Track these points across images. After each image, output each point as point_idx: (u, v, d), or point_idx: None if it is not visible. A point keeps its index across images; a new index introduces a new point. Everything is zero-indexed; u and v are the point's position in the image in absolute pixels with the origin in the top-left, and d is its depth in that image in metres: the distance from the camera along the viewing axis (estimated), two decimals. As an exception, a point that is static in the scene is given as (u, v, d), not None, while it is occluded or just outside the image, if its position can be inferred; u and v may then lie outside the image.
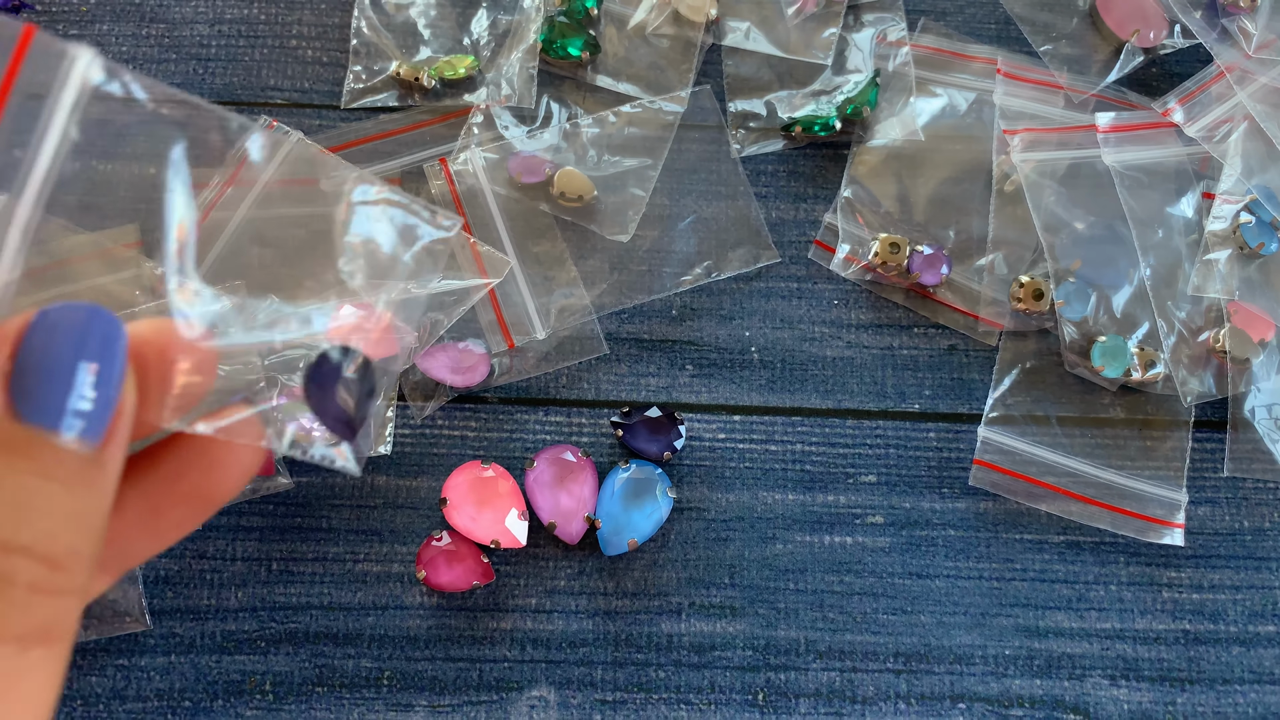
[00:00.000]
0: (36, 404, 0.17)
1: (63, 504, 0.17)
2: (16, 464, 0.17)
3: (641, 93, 0.46)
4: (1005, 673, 0.39)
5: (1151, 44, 0.47)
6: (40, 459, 0.17)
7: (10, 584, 0.16)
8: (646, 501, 0.39)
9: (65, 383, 0.18)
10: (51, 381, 0.17)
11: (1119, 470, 0.41)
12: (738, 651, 0.39)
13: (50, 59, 0.20)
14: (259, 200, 0.36)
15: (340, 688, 0.38)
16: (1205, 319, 0.43)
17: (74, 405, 0.18)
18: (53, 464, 0.17)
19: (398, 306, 0.34)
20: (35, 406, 0.17)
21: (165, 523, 0.22)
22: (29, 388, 0.17)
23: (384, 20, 0.47)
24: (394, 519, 0.40)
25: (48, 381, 0.17)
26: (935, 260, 0.43)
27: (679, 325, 0.43)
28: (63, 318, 0.18)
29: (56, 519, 0.17)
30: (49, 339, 0.18)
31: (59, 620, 0.17)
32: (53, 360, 0.18)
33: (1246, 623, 0.40)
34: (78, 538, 0.17)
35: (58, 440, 0.17)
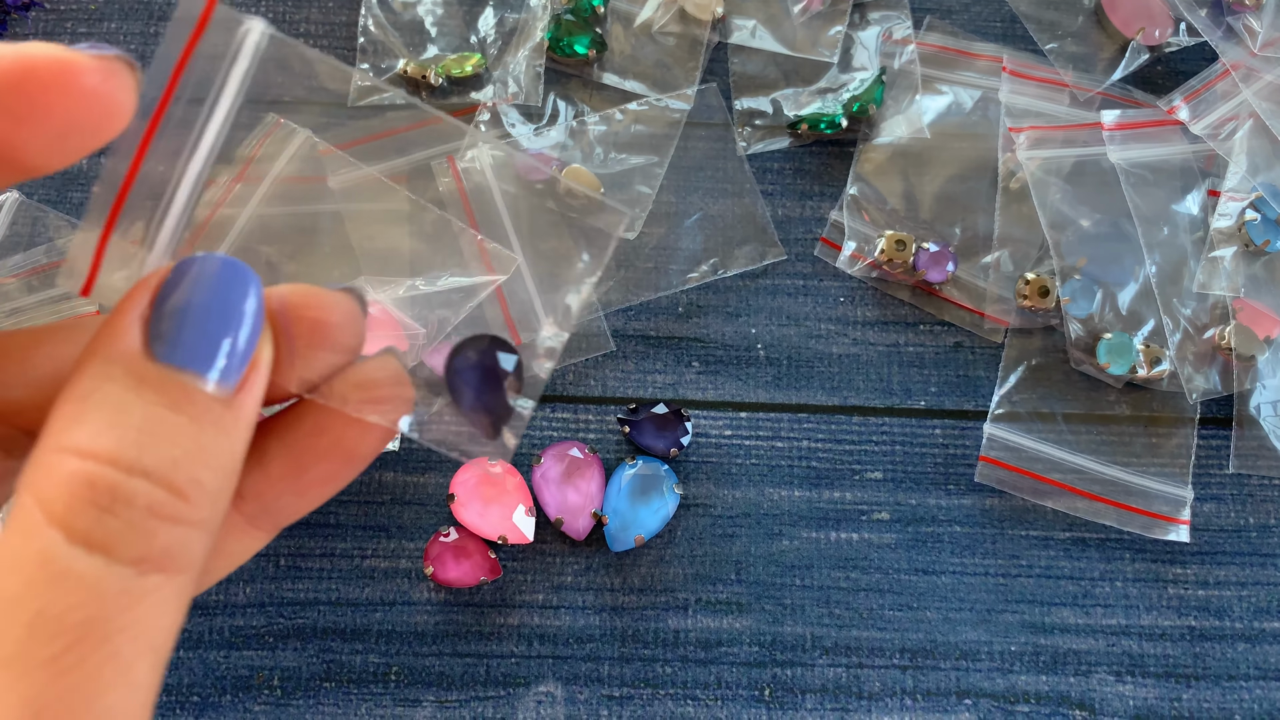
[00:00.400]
0: (171, 345, 0.18)
1: (189, 436, 0.17)
2: (147, 395, 0.17)
3: (648, 91, 0.46)
4: (1011, 669, 0.39)
5: (1157, 42, 0.47)
6: (171, 394, 0.17)
7: (130, 505, 0.16)
8: (653, 498, 0.40)
9: (200, 330, 0.18)
10: (186, 326, 0.18)
11: (1124, 467, 0.42)
12: (744, 647, 0.39)
13: (227, 28, 0.21)
14: (267, 197, 0.37)
15: (348, 683, 0.38)
16: (1211, 316, 0.43)
17: (209, 350, 0.18)
18: (183, 399, 0.17)
19: (406, 303, 0.34)
20: (170, 348, 0.18)
21: (310, 479, 0.22)
22: (165, 330, 0.18)
23: (391, 18, 0.47)
24: (401, 515, 0.41)
25: (183, 328, 0.18)
26: (941, 257, 0.43)
27: (685, 322, 0.44)
28: (198, 266, 0.19)
29: (181, 449, 0.17)
30: (186, 286, 0.18)
31: (180, 550, 0.17)
32: (190, 308, 0.18)
33: (1252, 619, 0.40)
34: (202, 470, 0.17)
35: (191, 380, 0.18)
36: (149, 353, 0.18)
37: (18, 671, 0.15)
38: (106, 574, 0.16)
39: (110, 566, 0.16)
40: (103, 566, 0.16)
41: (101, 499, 0.16)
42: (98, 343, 0.18)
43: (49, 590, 0.16)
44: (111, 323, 0.18)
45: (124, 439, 0.17)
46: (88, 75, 0.17)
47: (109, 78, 0.17)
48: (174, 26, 0.21)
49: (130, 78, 0.18)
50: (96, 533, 0.16)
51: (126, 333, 0.18)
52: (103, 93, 0.17)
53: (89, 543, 0.16)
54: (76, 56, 0.17)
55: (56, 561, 0.16)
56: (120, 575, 0.16)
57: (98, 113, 0.18)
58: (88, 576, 0.16)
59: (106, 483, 0.16)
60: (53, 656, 0.15)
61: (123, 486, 0.16)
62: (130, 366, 0.17)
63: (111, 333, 0.18)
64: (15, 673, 0.15)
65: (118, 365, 0.17)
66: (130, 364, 0.17)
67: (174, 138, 0.21)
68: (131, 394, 0.17)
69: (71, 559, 0.16)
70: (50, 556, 0.16)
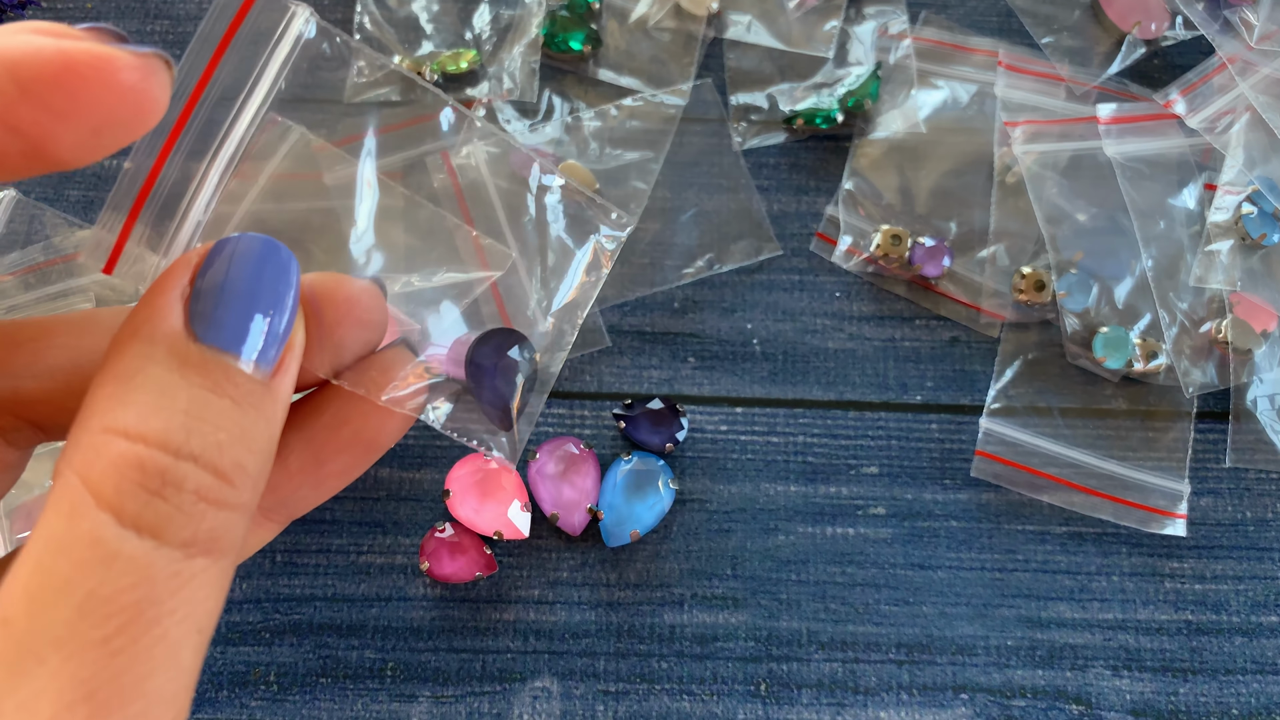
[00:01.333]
0: (213, 326, 0.18)
1: (232, 420, 0.18)
2: (191, 377, 0.17)
3: (643, 86, 0.46)
4: (1007, 663, 0.39)
5: (1153, 36, 0.47)
6: (214, 377, 0.18)
7: (179, 489, 0.17)
8: (649, 493, 0.40)
9: (240, 310, 0.18)
10: (228, 308, 0.18)
11: (1121, 461, 0.41)
12: (740, 642, 0.39)
13: (273, 12, 0.21)
14: (263, 194, 0.37)
15: (344, 678, 0.38)
16: (1207, 310, 0.43)
17: (249, 331, 0.18)
18: (225, 382, 0.18)
19: (402, 299, 0.34)
20: (212, 329, 0.18)
21: (328, 470, 0.22)
22: (207, 311, 0.18)
23: (386, 15, 0.47)
24: (397, 511, 0.41)
25: (224, 306, 0.18)
26: (937, 252, 0.43)
27: (681, 318, 0.44)
28: (238, 246, 0.19)
29: (225, 433, 0.17)
30: (226, 266, 0.19)
31: (224, 533, 0.17)
32: (230, 287, 0.18)
33: (1249, 613, 0.40)
34: (245, 454, 0.18)
35: (232, 362, 0.18)
36: (191, 333, 0.18)
37: (68, 651, 0.15)
38: (156, 557, 0.16)
39: (160, 549, 0.16)
40: (153, 549, 0.16)
41: (152, 482, 0.16)
42: (138, 321, 0.18)
43: (100, 572, 0.16)
44: (151, 301, 0.18)
45: (171, 422, 0.17)
46: (126, 73, 0.17)
47: (147, 76, 0.17)
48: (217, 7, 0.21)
49: (166, 76, 0.18)
50: (147, 516, 0.16)
51: (168, 312, 0.18)
52: (140, 90, 0.17)
53: (139, 526, 0.16)
54: (116, 53, 0.17)
55: (107, 544, 0.16)
56: (169, 558, 0.16)
57: (133, 110, 0.18)
58: (139, 559, 0.16)
59: (157, 466, 0.16)
60: (104, 638, 0.15)
61: (172, 470, 0.17)
62: (173, 347, 0.18)
63: (152, 311, 0.18)
64: (66, 652, 0.15)
65: (160, 345, 0.18)
66: (173, 344, 0.18)
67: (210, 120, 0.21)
68: (176, 375, 0.17)
69: (122, 541, 0.16)
70: (101, 539, 0.16)
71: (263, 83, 0.21)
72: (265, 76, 0.21)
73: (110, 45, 0.17)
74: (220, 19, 0.21)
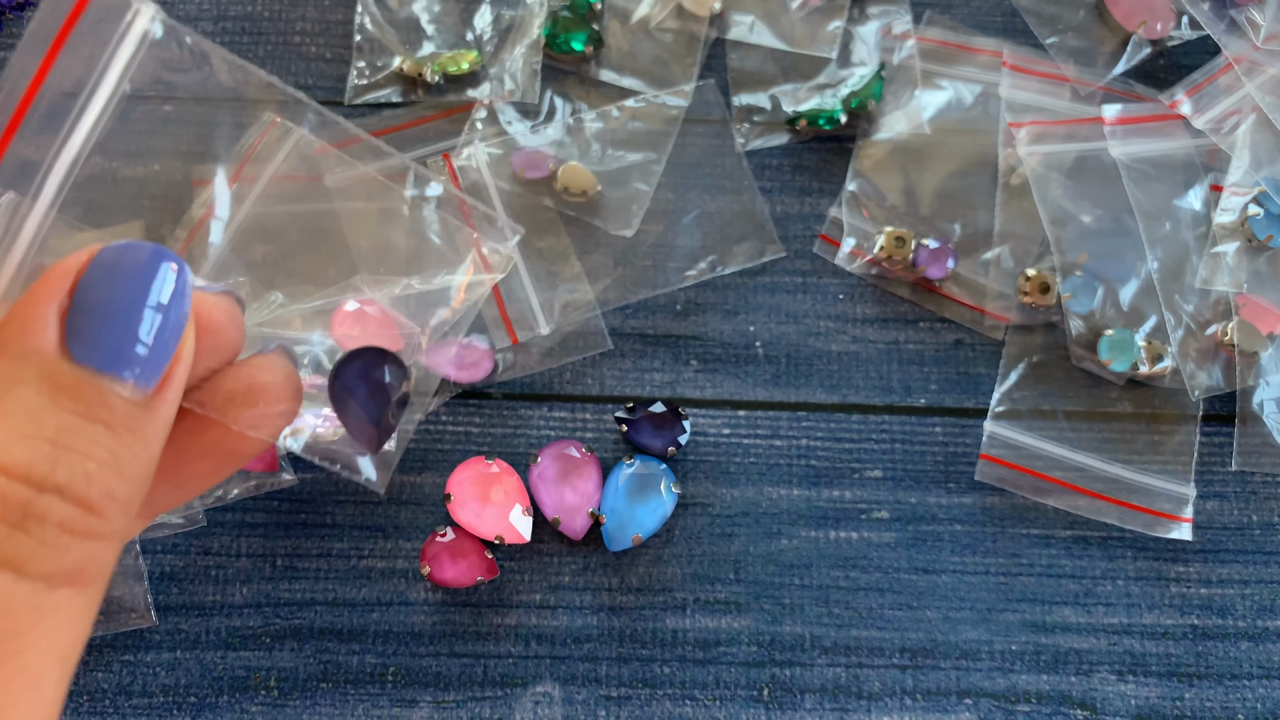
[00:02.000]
0: (90, 346, 0.17)
1: (104, 446, 0.17)
2: (62, 403, 0.16)
3: (645, 87, 0.46)
4: (1012, 668, 0.39)
5: (1159, 36, 0.46)
6: (87, 401, 0.17)
7: (41, 522, 0.16)
8: (651, 497, 0.39)
9: (122, 326, 0.17)
10: (108, 324, 0.17)
11: (1126, 464, 0.41)
12: (743, 647, 0.39)
13: (112, 11, 0.20)
14: (263, 196, 0.36)
15: (345, 684, 0.38)
16: (1213, 312, 0.42)
17: (129, 350, 0.17)
18: (99, 407, 0.17)
19: (401, 302, 0.34)
20: (88, 348, 0.17)
21: (189, 474, 0.22)
22: (84, 328, 0.17)
23: (387, 16, 0.46)
24: (398, 515, 0.40)
25: (104, 324, 0.17)
26: (941, 254, 0.43)
27: (683, 320, 0.43)
28: (124, 256, 0.18)
29: (95, 462, 0.17)
30: (109, 278, 0.17)
31: (90, 563, 0.17)
32: (111, 301, 0.17)
33: (1255, 618, 0.40)
34: (116, 482, 0.17)
35: (108, 384, 0.17)
36: (65, 352, 0.17)
37: None
38: (16, 590, 0.16)
39: (20, 582, 0.16)
40: (13, 583, 0.16)
41: (12, 515, 0.16)
42: (8, 335, 0.17)
43: None
44: (24, 313, 0.17)
45: (37, 452, 0.16)
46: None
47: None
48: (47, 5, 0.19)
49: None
50: (6, 549, 0.16)
51: (41, 327, 0.17)
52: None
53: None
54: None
55: None
56: (31, 590, 0.16)
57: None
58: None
59: (18, 499, 0.16)
60: None
61: (34, 503, 0.16)
62: (44, 367, 0.17)
63: (24, 325, 0.17)
64: None
65: (31, 365, 0.17)
66: (44, 364, 0.17)
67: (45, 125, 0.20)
68: (45, 399, 0.16)
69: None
70: None
71: (103, 86, 0.20)
72: (106, 80, 0.20)
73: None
74: (51, 19, 0.19)
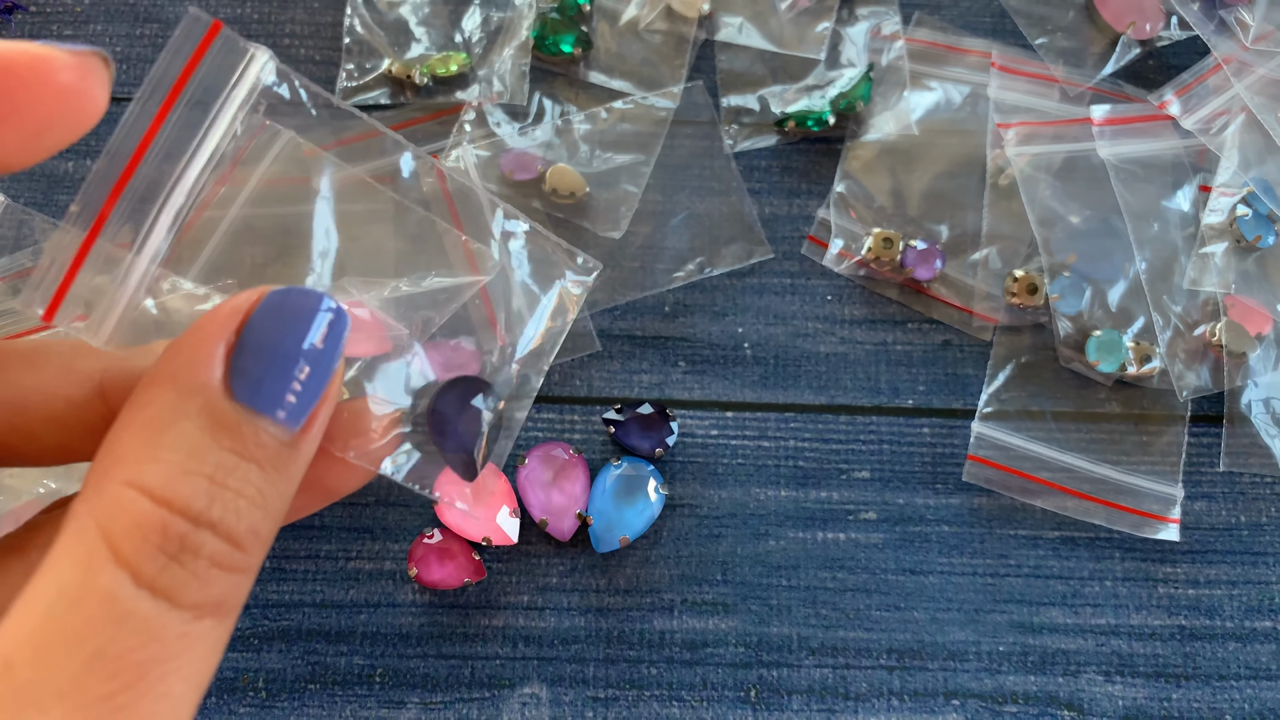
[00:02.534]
0: (252, 387, 0.18)
1: (255, 485, 0.18)
2: (222, 440, 0.17)
3: (634, 89, 0.46)
4: (999, 669, 0.39)
5: (1148, 36, 0.46)
6: (243, 439, 0.18)
7: (195, 555, 0.17)
8: (638, 498, 0.39)
9: (283, 369, 0.18)
10: (273, 368, 0.18)
11: (1114, 465, 0.41)
12: (730, 648, 0.39)
13: (231, 54, 0.21)
14: (252, 199, 0.37)
15: (333, 685, 0.38)
16: (1201, 313, 0.42)
17: (286, 392, 0.18)
18: (254, 446, 0.18)
19: (390, 304, 0.34)
20: (252, 390, 0.18)
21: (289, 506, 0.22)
22: (249, 369, 0.18)
23: (376, 18, 0.47)
24: (386, 516, 0.40)
25: (269, 367, 0.18)
26: (929, 255, 0.43)
27: (672, 322, 0.43)
28: (292, 302, 0.19)
29: (245, 500, 0.17)
30: (276, 323, 0.18)
31: (230, 595, 0.17)
32: (277, 346, 0.18)
33: (1243, 618, 0.40)
34: (262, 519, 0.18)
35: (265, 425, 0.18)
36: (229, 390, 0.18)
37: (72, 705, 0.15)
38: (168, 619, 0.16)
39: (171, 611, 0.16)
40: (165, 611, 0.16)
41: (171, 547, 0.17)
42: (175, 366, 0.18)
43: (111, 630, 0.16)
44: (193, 346, 0.18)
45: (196, 488, 0.17)
46: (64, 72, 0.17)
47: (85, 75, 0.17)
48: (176, 42, 0.20)
49: (105, 74, 0.18)
50: (162, 580, 0.16)
51: (207, 363, 0.18)
52: (79, 90, 0.17)
53: (154, 588, 0.16)
54: (53, 53, 0.17)
55: (122, 603, 0.16)
56: (180, 620, 0.17)
57: (73, 109, 0.17)
58: (151, 620, 0.16)
59: (177, 532, 0.17)
60: (109, 694, 0.16)
61: (191, 537, 0.17)
62: (208, 404, 0.17)
63: (192, 359, 0.18)
64: (70, 705, 0.15)
65: (195, 400, 0.17)
66: (208, 401, 0.17)
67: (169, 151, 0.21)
68: (207, 436, 0.17)
69: (137, 601, 0.16)
70: (116, 597, 0.16)
71: (213, 134, 0.21)
72: (216, 127, 0.21)
73: (47, 46, 0.17)
74: (174, 61, 0.20)
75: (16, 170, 0.18)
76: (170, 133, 0.20)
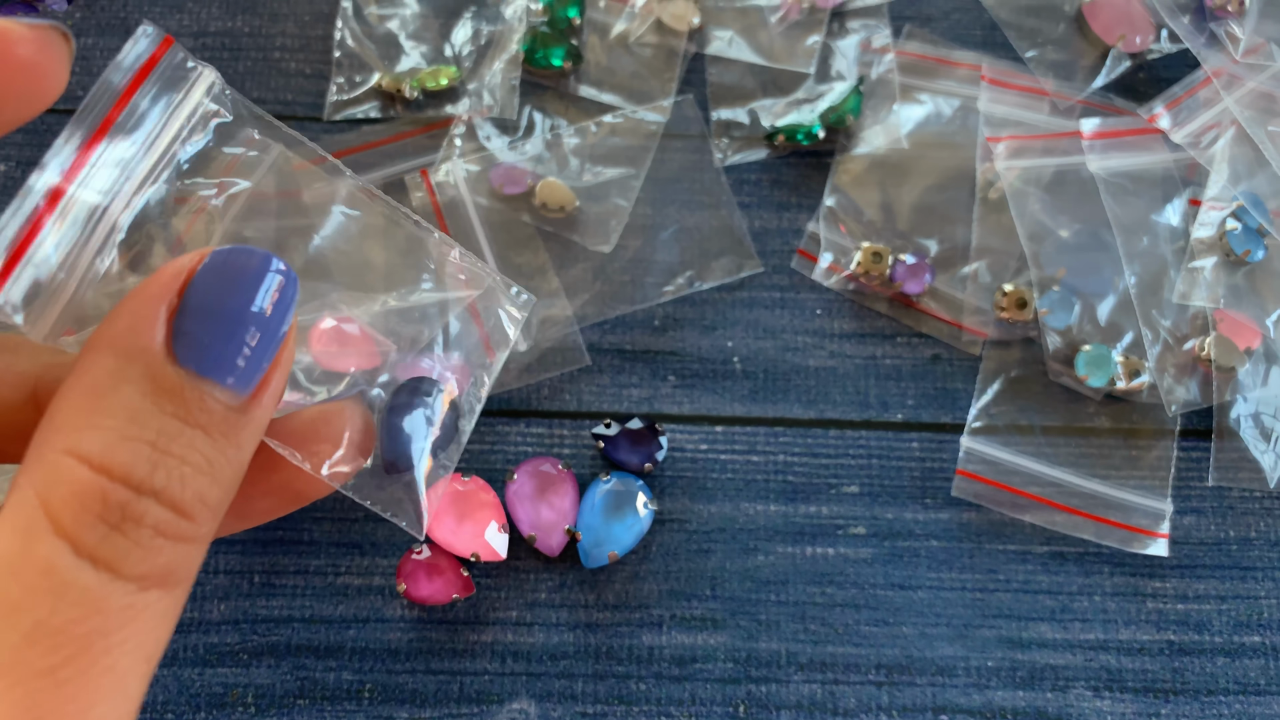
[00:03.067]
0: (195, 350, 0.17)
1: (201, 451, 0.17)
2: (164, 405, 0.17)
3: (624, 102, 0.46)
4: (988, 684, 0.39)
5: (1138, 49, 0.46)
6: (187, 404, 0.17)
7: (138, 524, 0.16)
8: (627, 513, 0.39)
9: (227, 332, 0.17)
10: (217, 330, 0.17)
11: (1103, 480, 0.41)
12: (719, 664, 0.39)
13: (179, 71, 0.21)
14: (242, 212, 0.37)
15: (322, 700, 0.38)
16: (1191, 327, 0.42)
17: (233, 355, 0.17)
18: (199, 411, 0.17)
19: (379, 319, 0.34)
20: (194, 352, 0.17)
21: (253, 508, 0.22)
22: (191, 331, 0.17)
23: (367, 31, 0.47)
24: (375, 532, 0.40)
25: (213, 329, 0.17)
26: (918, 269, 0.43)
27: (661, 336, 0.43)
28: (237, 261, 0.18)
29: (191, 466, 0.17)
30: (219, 282, 0.18)
31: (178, 566, 0.17)
32: (220, 306, 0.18)
33: (1232, 633, 0.40)
34: (209, 487, 0.17)
35: (209, 389, 0.17)
36: (171, 354, 0.17)
37: (13, 679, 0.15)
38: (111, 590, 0.16)
39: (114, 582, 0.16)
40: (107, 582, 0.16)
41: (112, 516, 0.16)
42: (116, 330, 0.17)
43: (52, 601, 0.15)
44: (134, 310, 0.17)
45: (138, 455, 0.16)
46: (21, 45, 0.17)
47: (43, 48, 0.17)
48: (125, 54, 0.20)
49: (65, 49, 0.18)
50: (104, 550, 0.16)
51: (149, 327, 0.17)
52: (37, 63, 0.17)
53: (95, 558, 0.16)
54: (10, 27, 0.17)
55: (61, 573, 0.16)
56: (123, 591, 0.16)
57: (31, 83, 0.17)
58: (92, 591, 0.16)
59: (118, 500, 0.16)
60: (51, 667, 0.15)
61: (133, 506, 0.16)
62: (149, 368, 0.17)
63: (132, 323, 0.17)
64: (10, 680, 0.15)
65: (137, 364, 0.17)
66: (150, 365, 0.17)
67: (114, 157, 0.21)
68: (148, 401, 0.17)
69: (77, 572, 0.16)
70: (55, 567, 0.16)
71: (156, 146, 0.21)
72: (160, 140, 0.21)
73: (4, 20, 0.17)
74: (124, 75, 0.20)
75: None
76: (116, 141, 0.20)
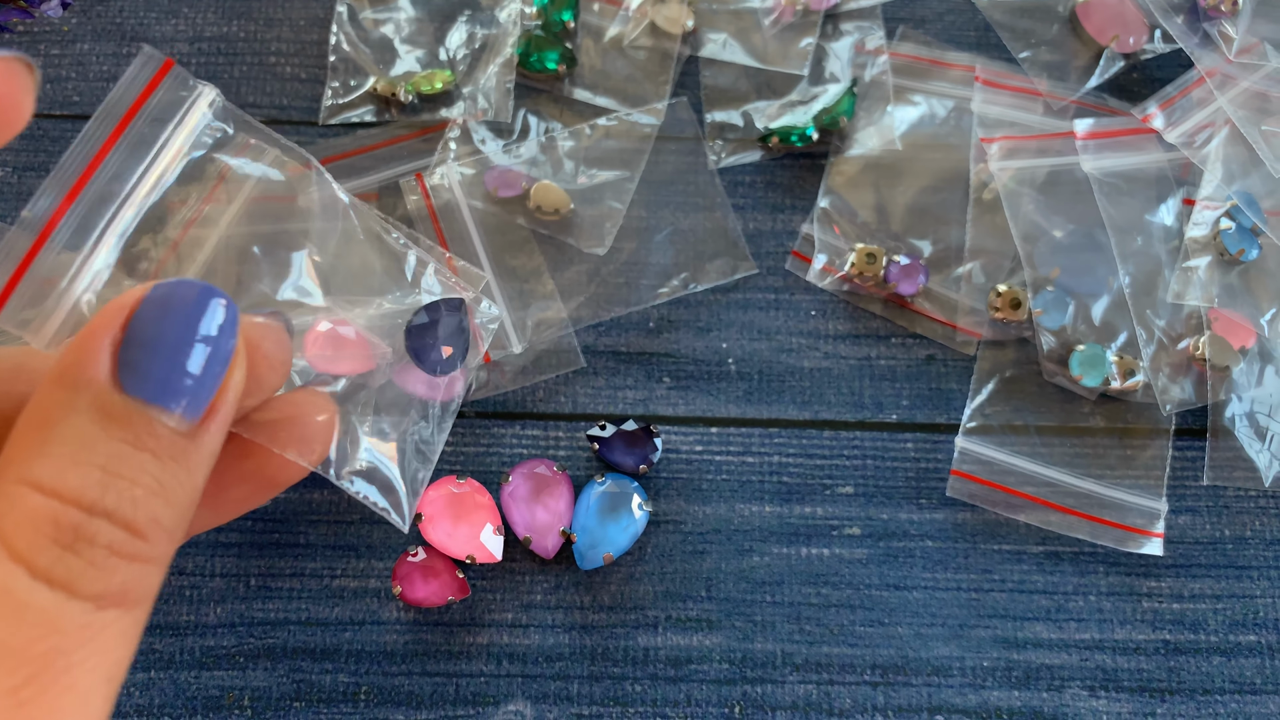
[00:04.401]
0: (140, 378, 0.18)
1: (151, 474, 0.18)
2: (113, 431, 0.17)
3: (619, 105, 0.46)
4: (983, 684, 0.39)
5: (1132, 49, 0.46)
6: (135, 429, 0.18)
7: (91, 544, 0.17)
8: (622, 515, 0.39)
9: (170, 359, 0.18)
10: (157, 358, 0.18)
11: (1098, 479, 0.41)
12: (714, 665, 0.39)
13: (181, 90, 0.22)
14: (238, 217, 0.37)
15: (318, 702, 0.38)
16: (1185, 326, 0.42)
17: (178, 382, 0.18)
18: (146, 435, 0.18)
19: (374, 322, 0.34)
20: (139, 380, 0.18)
21: (227, 499, 0.23)
22: (135, 361, 0.18)
23: (362, 36, 0.47)
24: (370, 534, 0.41)
25: (153, 357, 0.18)
26: (912, 270, 0.43)
27: (656, 338, 0.43)
28: (174, 293, 0.19)
29: (142, 488, 0.17)
30: (160, 314, 0.18)
31: (135, 585, 0.18)
32: (161, 336, 0.18)
33: (1227, 632, 0.40)
34: (162, 508, 0.18)
35: (156, 414, 0.18)
36: (117, 384, 0.18)
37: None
38: (67, 609, 0.16)
39: (71, 602, 0.16)
40: (64, 602, 0.16)
41: (64, 538, 0.17)
42: (65, 365, 0.18)
43: (10, 623, 0.16)
44: (81, 346, 0.18)
45: (88, 478, 0.17)
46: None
47: (8, 79, 0.18)
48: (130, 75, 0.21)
49: (29, 79, 0.18)
50: (58, 570, 0.16)
51: (95, 359, 0.18)
52: (2, 94, 0.17)
53: (50, 580, 0.16)
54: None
55: (17, 595, 0.16)
56: (81, 610, 0.17)
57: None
58: (49, 611, 0.16)
59: (70, 522, 0.17)
60: (12, 688, 0.16)
61: (85, 527, 0.17)
62: (97, 398, 0.18)
63: (79, 357, 0.18)
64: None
65: (84, 395, 0.18)
66: (97, 395, 0.18)
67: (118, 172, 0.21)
68: (97, 428, 0.17)
69: (33, 594, 0.16)
70: (10, 590, 0.16)
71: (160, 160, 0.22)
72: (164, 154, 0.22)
73: None
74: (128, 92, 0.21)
75: None
76: (119, 155, 0.21)
